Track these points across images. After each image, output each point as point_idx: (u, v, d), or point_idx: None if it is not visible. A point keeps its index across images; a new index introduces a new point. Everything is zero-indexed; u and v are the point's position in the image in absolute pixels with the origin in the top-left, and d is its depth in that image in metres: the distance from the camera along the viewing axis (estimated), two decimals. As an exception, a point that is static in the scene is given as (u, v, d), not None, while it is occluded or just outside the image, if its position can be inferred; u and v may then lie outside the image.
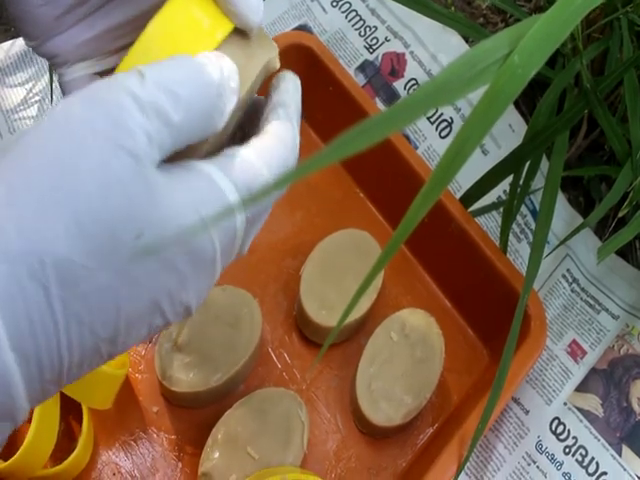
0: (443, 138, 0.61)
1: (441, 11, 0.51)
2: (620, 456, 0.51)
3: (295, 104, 0.30)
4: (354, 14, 0.66)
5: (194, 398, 0.47)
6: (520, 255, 0.58)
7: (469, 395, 0.51)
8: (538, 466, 0.51)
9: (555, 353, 0.55)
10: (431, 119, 0.62)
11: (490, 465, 0.51)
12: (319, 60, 0.55)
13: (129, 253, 0.22)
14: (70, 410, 0.42)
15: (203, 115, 0.25)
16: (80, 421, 0.43)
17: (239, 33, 0.30)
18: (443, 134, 0.61)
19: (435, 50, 0.64)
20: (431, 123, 0.62)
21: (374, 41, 0.65)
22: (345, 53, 0.65)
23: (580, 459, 0.51)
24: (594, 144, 0.62)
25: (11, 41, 0.61)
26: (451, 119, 0.62)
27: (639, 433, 0.52)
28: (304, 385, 0.51)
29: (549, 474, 0.50)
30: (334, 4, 0.66)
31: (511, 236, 0.57)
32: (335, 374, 0.51)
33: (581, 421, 0.52)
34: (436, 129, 0.62)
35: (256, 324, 0.48)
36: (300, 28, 0.65)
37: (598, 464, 0.50)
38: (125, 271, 0.23)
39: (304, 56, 0.55)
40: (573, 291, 0.57)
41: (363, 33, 0.65)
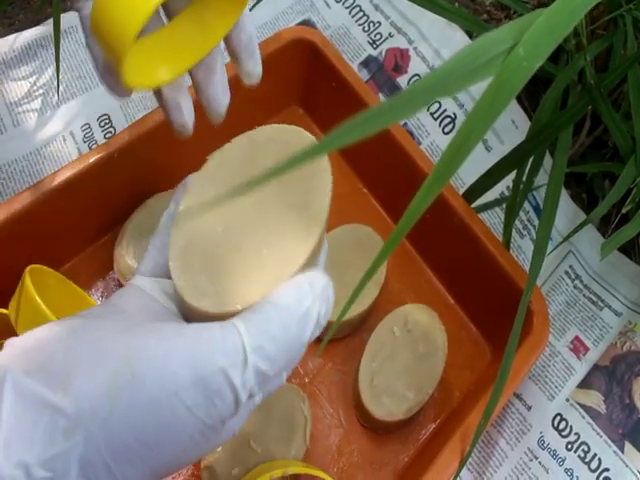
0: (446, 134, 0.61)
1: (445, 6, 0.51)
2: (622, 452, 0.51)
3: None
4: (358, 9, 0.66)
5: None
6: (523, 251, 0.58)
7: (471, 391, 0.51)
8: (540, 462, 0.51)
9: (558, 349, 0.55)
10: (434, 115, 0.62)
11: (492, 461, 0.51)
12: (322, 55, 0.55)
13: None
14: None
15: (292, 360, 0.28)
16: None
17: None
18: (446, 130, 0.61)
19: (439, 46, 0.64)
20: (434, 119, 0.62)
21: (378, 37, 0.65)
22: (348, 48, 0.65)
23: (582, 455, 0.51)
24: (597, 141, 0.62)
25: (15, 34, 0.61)
26: (454, 115, 0.61)
27: (642, 430, 0.52)
28: (307, 379, 0.51)
29: (551, 470, 0.50)
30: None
31: (514, 232, 0.57)
32: (338, 369, 0.51)
33: (583, 417, 0.52)
34: (439, 125, 0.62)
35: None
36: (304, 23, 0.65)
37: (600, 460, 0.50)
38: None
39: (307, 51, 0.55)
40: (576, 288, 0.57)
41: (367, 28, 0.65)
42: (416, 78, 0.63)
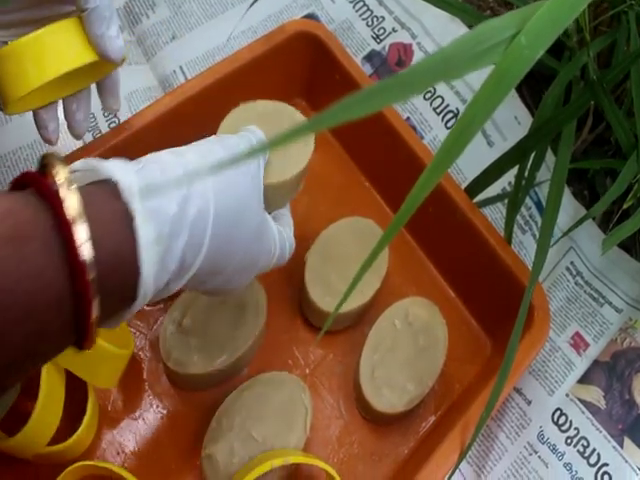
0: (449, 129, 0.61)
1: (449, 1, 0.51)
2: (622, 448, 0.51)
3: None
4: (362, 4, 0.66)
5: (198, 380, 0.47)
6: (524, 247, 0.58)
7: (471, 384, 0.52)
8: (540, 456, 0.51)
9: (558, 345, 0.55)
10: (437, 110, 0.62)
11: (492, 454, 0.51)
12: (326, 48, 0.55)
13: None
14: (75, 389, 0.42)
15: None
16: (85, 400, 0.43)
17: None
18: (449, 125, 0.61)
19: (442, 41, 0.64)
20: (437, 114, 0.62)
21: (381, 31, 0.65)
22: (352, 43, 0.65)
23: (582, 450, 0.51)
24: (599, 139, 0.62)
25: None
26: (457, 110, 0.62)
27: (641, 425, 0.52)
28: (307, 370, 0.51)
29: (550, 464, 0.50)
30: (342, -6, 0.66)
31: (515, 228, 0.57)
32: (339, 361, 0.52)
33: (583, 412, 0.52)
34: (442, 120, 0.62)
35: (261, 309, 0.49)
36: (308, 17, 0.65)
37: (599, 455, 0.51)
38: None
39: (311, 44, 0.55)
40: (577, 284, 0.57)
41: (370, 23, 0.65)
42: (419, 73, 0.63)
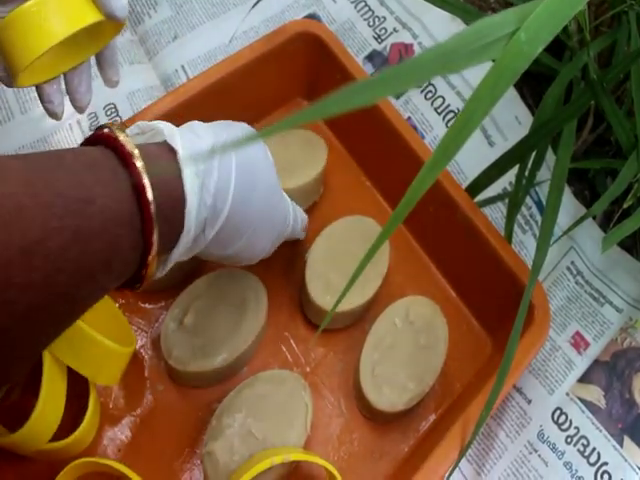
0: (450, 129, 0.61)
1: (450, 1, 0.51)
2: (621, 447, 0.51)
3: None
4: (363, 4, 0.66)
5: (199, 378, 0.47)
6: (525, 246, 0.58)
7: (472, 383, 0.52)
8: (539, 455, 0.51)
9: (558, 344, 0.55)
10: (438, 110, 0.62)
11: (492, 453, 0.51)
12: (327, 48, 0.55)
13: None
14: (77, 386, 0.42)
15: None
16: (87, 397, 0.43)
17: None
18: (450, 124, 0.61)
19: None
20: (438, 114, 0.62)
21: (383, 31, 0.65)
22: (353, 43, 0.65)
23: (581, 449, 0.51)
24: (600, 139, 0.62)
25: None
26: (458, 110, 0.62)
27: (641, 424, 0.52)
28: (308, 369, 0.51)
29: (550, 463, 0.50)
30: (343, -6, 0.67)
31: (516, 227, 0.57)
32: (339, 359, 0.52)
33: (583, 412, 0.52)
34: (443, 119, 0.62)
35: (262, 307, 0.49)
36: (309, 17, 0.66)
37: (599, 454, 0.51)
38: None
39: (313, 44, 0.56)
40: (577, 283, 0.57)
41: (372, 23, 0.65)
42: (420, 73, 0.64)
